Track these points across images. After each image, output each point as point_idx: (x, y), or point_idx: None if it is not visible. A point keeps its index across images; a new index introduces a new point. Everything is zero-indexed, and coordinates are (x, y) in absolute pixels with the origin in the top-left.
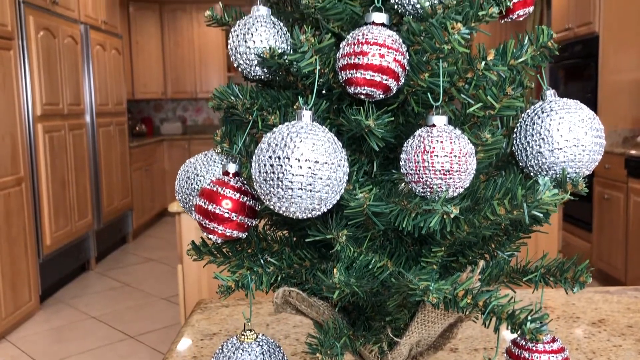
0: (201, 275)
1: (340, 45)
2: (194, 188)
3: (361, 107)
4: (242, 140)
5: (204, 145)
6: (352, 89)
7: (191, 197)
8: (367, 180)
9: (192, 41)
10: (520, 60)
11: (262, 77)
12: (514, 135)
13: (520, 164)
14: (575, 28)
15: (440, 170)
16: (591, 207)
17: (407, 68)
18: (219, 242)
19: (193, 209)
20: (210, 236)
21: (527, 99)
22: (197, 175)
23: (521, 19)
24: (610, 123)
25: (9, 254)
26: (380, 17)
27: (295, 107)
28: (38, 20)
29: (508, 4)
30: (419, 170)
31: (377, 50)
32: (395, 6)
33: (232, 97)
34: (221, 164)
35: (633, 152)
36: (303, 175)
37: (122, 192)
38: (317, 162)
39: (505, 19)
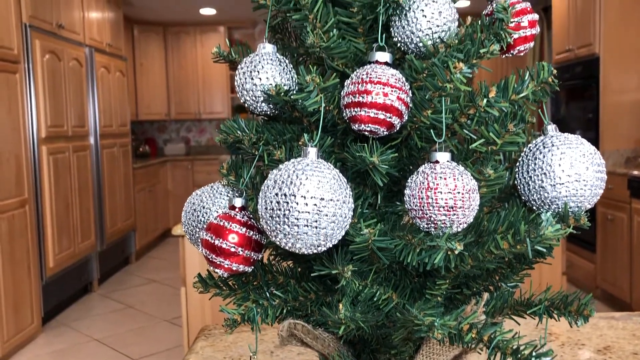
0: (204, 298)
1: (345, 84)
2: (200, 220)
3: (365, 144)
4: (248, 174)
5: (207, 166)
6: (357, 126)
7: (197, 229)
8: (371, 213)
9: (196, 63)
10: (522, 95)
11: (269, 112)
12: (517, 169)
13: (523, 197)
14: (576, 49)
15: (444, 207)
16: (595, 228)
17: (411, 105)
18: (225, 276)
19: (199, 242)
20: (216, 270)
21: (529, 131)
22: (204, 207)
23: (522, 54)
24: (612, 143)
25: (12, 276)
26: (384, 56)
27: (300, 142)
28: (44, 43)
29: (509, 40)
30: (423, 207)
31: (380, 89)
32: (399, 44)
33: (239, 132)
34: (227, 196)
35: (635, 172)
36: (309, 212)
37: (125, 213)
38: (323, 199)
39: (507, 55)
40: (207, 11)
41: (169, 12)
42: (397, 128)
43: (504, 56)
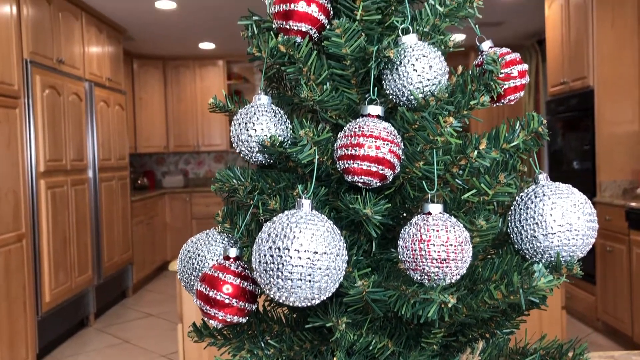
0: None
1: (338, 136)
2: (195, 268)
3: (359, 195)
4: (243, 222)
5: (205, 198)
6: (350, 177)
7: (192, 277)
8: (366, 260)
9: (195, 96)
10: (513, 144)
11: (264, 162)
12: (509, 217)
13: (516, 246)
14: (571, 82)
15: (437, 259)
16: (594, 259)
17: (403, 157)
18: (219, 327)
19: (194, 292)
20: (211, 321)
21: (521, 177)
22: (199, 255)
23: (512, 103)
24: (609, 174)
25: (7, 312)
26: (376, 109)
27: (295, 193)
28: (44, 79)
29: (499, 90)
30: (416, 259)
31: (372, 142)
32: (390, 96)
33: (234, 180)
34: (222, 243)
35: (633, 204)
36: (302, 266)
37: (122, 247)
38: (316, 252)
39: (497, 104)
40: (206, 45)
41: (169, 47)
42: (390, 179)
43: (494, 105)
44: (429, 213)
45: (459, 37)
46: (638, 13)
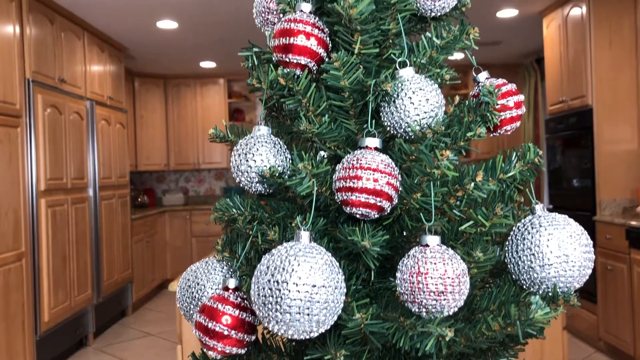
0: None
1: (337, 168)
2: (195, 296)
3: (357, 227)
4: (243, 252)
5: (205, 216)
6: (349, 209)
7: (192, 306)
8: (364, 289)
9: (196, 114)
10: (509, 175)
11: (263, 192)
12: (507, 248)
13: (514, 276)
14: (569, 101)
15: (434, 292)
16: (595, 278)
17: (400, 189)
18: (218, 358)
19: (193, 322)
20: (210, 352)
21: (518, 205)
22: (198, 283)
23: (508, 133)
24: (608, 193)
25: (6, 331)
26: (373, 141)
27: (293, 224)
28: (46, 98)
29: (496, 121)
30: (414, 291)
31: (371, 174)
32: (388, 127)
33: (234, 210)
34: (221, 271)
35: (633, 223)
36: (301, 300)
37: (122, 265)
38: (315, 285)
39: (494, 134)
40: (207, 64)
41: (170, 65)
42: (388, 211)
43: (491, 135)
44: (427, 245)
45: (458, 56)
46: (635, 34)
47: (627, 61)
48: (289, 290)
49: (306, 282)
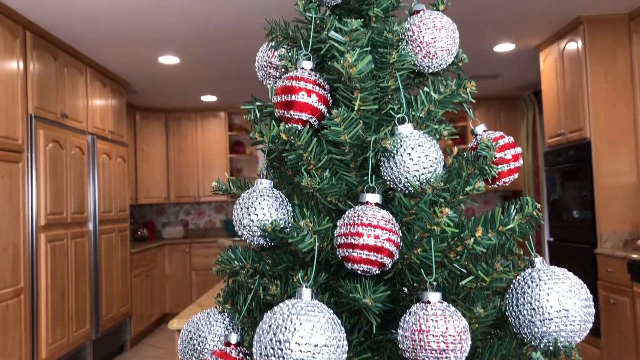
0: None
1: (338, 224)
2: (196, 349)
3: (358, 284)
4: (245, 307)
5: (205, 249)
6: (350, 265)
7: (193, 358)
8: (367, 342)
9: (196, 147)
10: (508, 227)
11: (265, 245)
12: (507, 301)
13: (514, 329)
14: (568, 134)
15: (436, 350)
16: (598, 312)
17: (401, 245)
18: None
19: None
20: None
21: (518, 256)
22: (200, 335)
23: (507, 184)
24: (609, 225)
25: None
26: (374, 197)
27: (295, 279)
28: (48, 133)
29: (494, 174)
30: (416, 349)
31: (371, 231)
32: (388, 182)
33: (236, 262)
34: (223, 323)
35: (635, 256)
36: (303, 359)
37: (121, 299)
38: (317, 345)
39: (492, 185)
40: (208, 98)
41: (171, 99)
42: (389, 267)
43: (490, 185)
44: (428, 302)
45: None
46: (630, 67)
47: (623, 94)
48: (291, 350)
49: (308, 342)
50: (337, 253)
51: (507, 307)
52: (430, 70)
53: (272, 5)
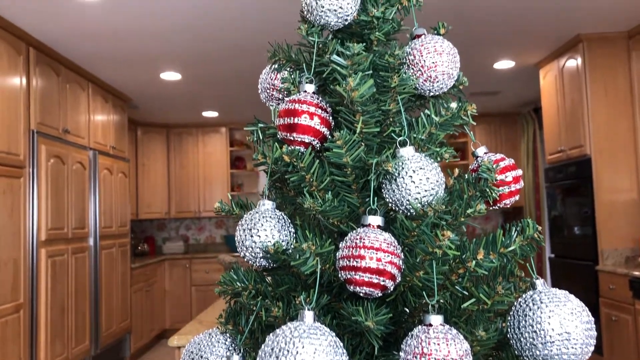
0: None
1: (340, 246)
2: None
3: (360, 307)
4: (247, 329)
5: (205, 264)
6: (352, 287)
7: None
8: None
9: (197, 162)
10: (510, 249)
11: (267, 267)
12: (509, 323)
13: (516, 352)
14: (568, 150)
15: None
16: (600, 329)
17: (403, 267)
18: None
19: None
20: None
21: (519, 278)
22: (202, 357)
23: (508, 206)
24: (610, 242)
25: None
26: (376, 219)
27: (297, 301)
28: (49, 148)
29: (495, 196)
30: None
31: (373, 254)
32: (390, 204)
33: (238, 283)
34: (225, 344)
35: (637, 273)
36: None
37: (121, 315)
38: None
39: (493, 207)
40: (210, 114)
41: (173, 115)
42: (391, 289)
43: (491, 208)
44: (430, 324)
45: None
46: (629, 84)
47: (623, 111)
48: None
49: None
50: (340, 275)
51: (509, 330)
52: (432, 94)
53: (274, 25)
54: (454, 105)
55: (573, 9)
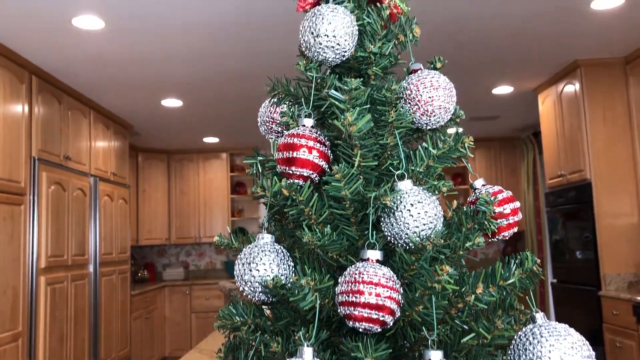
0: None
1: (339, 281)
2: None
3: (360, 342)
4: None
5: (206, 291)
6: (351, 323)
7: None
8: None
9: (198, 188)
10: (509, 282)
11: (266, 301)
12: (509, 357)
13: None
14: (568, 175)
15: None
16: (604, 355)
17: (402, 302)
18: None
19: None
20: None
21: (519, 311)
22: None
23: (506, 238)
24: (612, 266)
25: None
26: (375, 254)
27: (296, 337)
28: (50, 175)
29: (494, 229)
30: None
31: (372, 289)
32: (388, 237)
33: (237, 318)
34: None
35: None
36: None
37: (120, 343)
38: None
39: (492, 239)
40: (211, 139)
41: (174, 141)
42: (390, 325)
43: (489, 240)
44: None
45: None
46: (628, 109)
47: (622, 136)
48: None
49: None
50: (339, 311)
51: None
52: (429, 127)
53: (274, 53)
54: (451, 131)
55: (570, 35)
